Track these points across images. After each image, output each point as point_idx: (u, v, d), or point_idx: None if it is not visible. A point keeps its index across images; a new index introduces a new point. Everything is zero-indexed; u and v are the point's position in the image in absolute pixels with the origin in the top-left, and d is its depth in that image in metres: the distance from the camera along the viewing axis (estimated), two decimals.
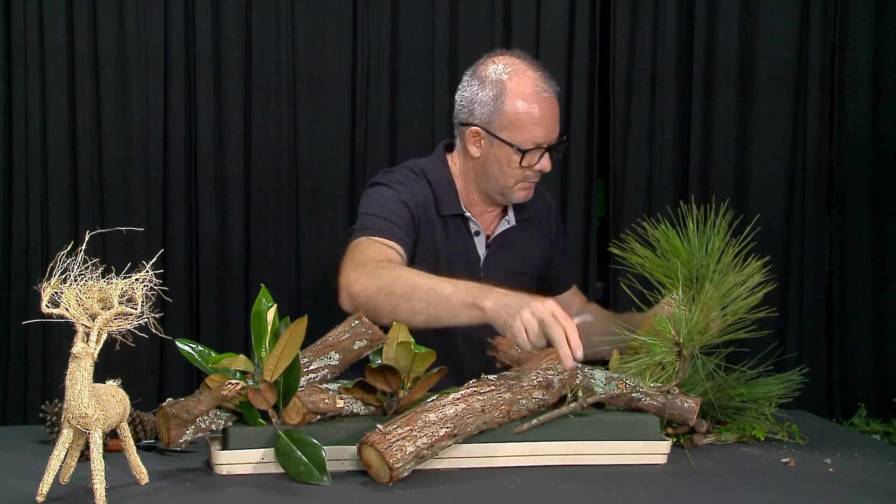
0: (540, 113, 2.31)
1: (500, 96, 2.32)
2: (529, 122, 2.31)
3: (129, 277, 1.53)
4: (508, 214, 2.47)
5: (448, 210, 2.38)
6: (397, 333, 1.88)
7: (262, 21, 2.95)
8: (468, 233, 2.41)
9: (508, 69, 2.34)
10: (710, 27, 3.14)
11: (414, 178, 2.40)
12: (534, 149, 2.32)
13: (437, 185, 2.39)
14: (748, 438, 2.06)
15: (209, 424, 1.75)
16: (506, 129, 2.31)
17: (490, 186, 2.39)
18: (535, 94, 2.31)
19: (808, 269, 3.16)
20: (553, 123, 2.34)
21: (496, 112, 2.32)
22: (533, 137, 2.31)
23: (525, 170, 2.34)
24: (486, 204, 2.44)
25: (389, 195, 2.33)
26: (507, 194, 2.39)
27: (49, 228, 2.83)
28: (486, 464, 1.80)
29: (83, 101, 2.84)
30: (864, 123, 3.16)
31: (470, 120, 2.36)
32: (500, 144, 2.32)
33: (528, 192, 2.40)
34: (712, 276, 1.92)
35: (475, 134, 2.36)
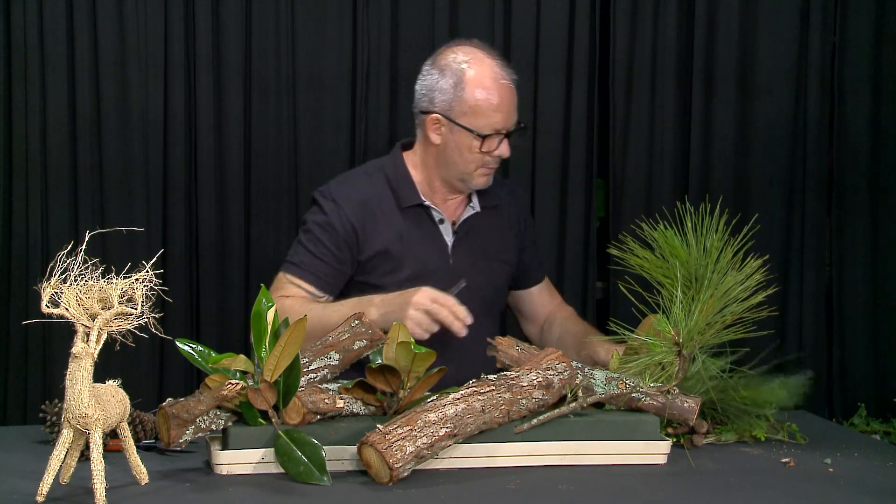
0: (498, 99, 2.36)
1: (459, 84, 2.37)
2: (488, 109, 2.36)
3: (129, 277, 1.53)
4: (473, 201, 2.51)
5: (408, 201, 2.44)
6: (397, 333, 1.88)
7: (262, 21, 2.95)
8: (432, 222, 2.45)
9: (467, 57, 2.39)
10: (710, 27, 3.14)
11: (365, 178, 2.47)
12: (493, 134, 2.37)
13: (394, 179, 2.45)
14: (748, 438, 2.06)
15: (209, 424, 1.75)
16: (465, 115, 2.36)
17: (450, 173, 2.43)
18: (493, 81, 2.37)
19: (808, 269, 3.16)
20: (511, 110, 2.40)
21: (456, 99, 2.37)
22: (492, 123, 2.36)
23: (484, 155, 2.39)
24: (449, 192, 2.48)
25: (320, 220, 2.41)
26: (467, 180, 2.43)
27: (49, 228, 2.83)
28: (486, 464, 1.80)
29: (83, 101, 2.84)
30: (864, 123, 3.16)
31: (430, 108, 2.41)
32: (459, 131, 2.38)
33: (488, 178, 2.45)
34: (711, 276, 1.92)
35: (435, 121, 2.41)
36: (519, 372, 1.87)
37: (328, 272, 2.40)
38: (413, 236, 2.42)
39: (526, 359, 1.96)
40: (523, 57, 3.10)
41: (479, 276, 2.44)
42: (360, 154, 3.02)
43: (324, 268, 2.39)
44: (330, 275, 2.40)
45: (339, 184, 2.48)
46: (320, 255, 2.39)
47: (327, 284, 2.39)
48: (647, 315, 2.05)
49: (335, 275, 2.40)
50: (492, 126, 2.36)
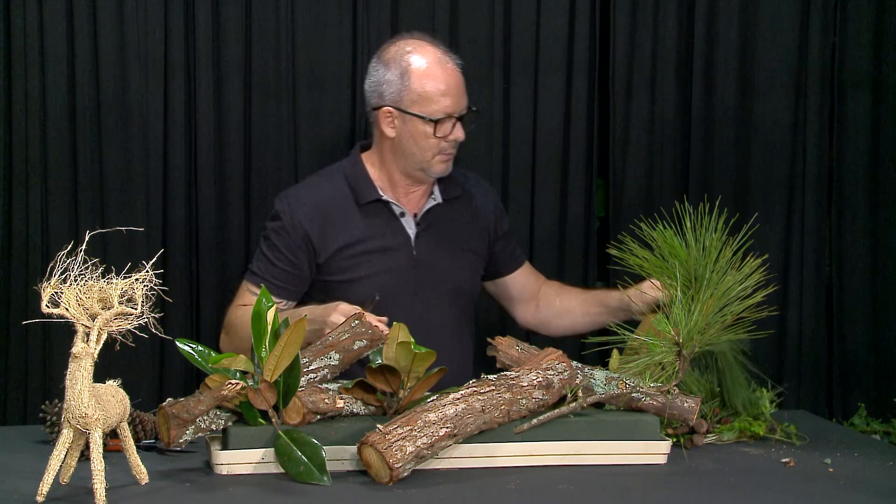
0: (445, 83, 2.42)
1: (405, 73, 2.43)
2: (436, 93, 2.41)
3: (129, 277, 1.53)
4: (435, 193, 2.55)
5: (366, 198, 2.49)
6: (397, 333, 1.88)
7: (262, 21, 2.94)
8: (393, 215, 2.50)
9: (409, 47, 2.46)
10: (710, 27, 3.14)
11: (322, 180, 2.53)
12: (444, 119, 2.42)
13: (352, 178, 2.51)
14: (748, 438, 2.06)
15: (209, 424, 1.75)
16: (415, 103, 2.42)
17: (409, 164, 2.47)
18: (438, 66, 2.43)
19: (808, 269, 3.16)
20: (459, 93, 2.45)
21: (404, 89, 2.43)
22: (442, 107, 2.41)
23: (440, 141, 2.43)
24: (411, 184, 2.52)
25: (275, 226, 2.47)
26: (426, 169, 2.47)
27: (49, 228, 2.82)
28: (486, 464, 1.80)
29: (83, 101, 2.83)
30: (864, 123, 3.16)
31: (380, 102, 2.47)
32: (412, 119, 2.42)
33: (447, 164, 2.49)
34: (710, 276, 1.92)
35: (388, 114, 2.46)
36: (519, 372, 1.87)
37: (285, 278, 2.45)
38: (374, 231, 2.47)
39: (526, 359, 1.96)
40: (523, 57, 3.10)
41: (445, 266, 2.50)
42: None
43: (280, 274, 2.44)
44: (287, 280, 2.45)
45: (297, 188, 2.55)
46: (276, 261, 2.45)
47: (284, 290, 2.44)
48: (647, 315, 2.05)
49: (293, 280, 2.45)
50: (443, 110, 2.41)
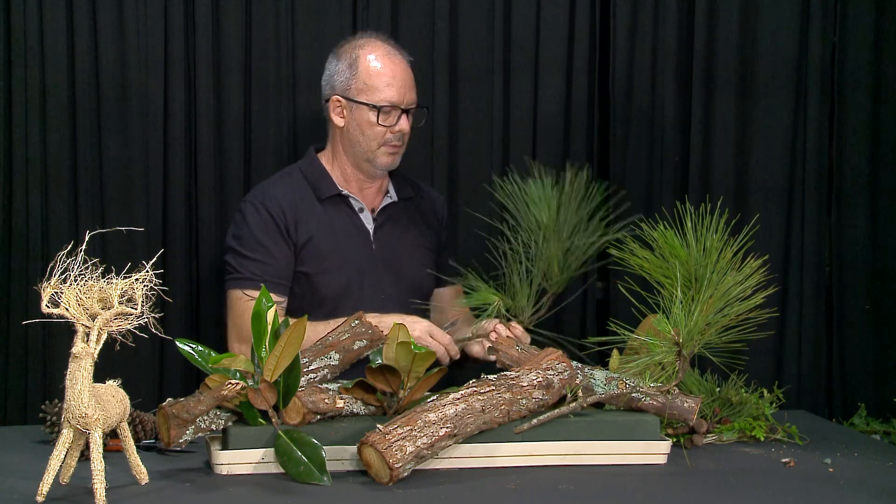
0: (391, 73, 2.50)
1: (354, 63, 2.52)
2: (381, 83, 2.49)
3: (129, 277, 1.53)
4: (390, 191, 2.63)
5: (326, 192, 2.54)
6: (397, 333, 1.88)
7: (262, 21, 2.94)
8: (352, 210, 2.56)
9: (361, 41, 2.56)
10: (710, 27, 3.14)
11: (283, 178, 2.58)
12: (389, 108, 2.49)
13: (311, 174, 2.57)
14: (748, 438, 2.06)
15: (209, 424, 1.75)
16: (362, 91, 2.50)
17: (357, 154, 2.54)
18: (385, 58, 2.52)
19: (808, 269, 3.16)
20: (406, 86, 2.52)
21: (352, 78, 2.51)
22: (387, 97, 2.48)
23: (385, 131, 2.49)
24: (364, 179, 2.58)
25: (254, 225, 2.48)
26: (372, 160, 2.53)
27: (49, 228, 2.82)
28: (486, 464, 1.80)
29: (83, 102, 2.83)
30: (864, 123, 3.16)
31: (331, 93, 2.55)
32: (358, 108, 2.50)
33: (394, 157, 2.55)
34: (711, 276, 1.92)
35: (337, 103, 2.54)
36: (519, 372, 1.87)
37: (281, 274, 2.47)
38: (335, 226, 2.52)
39: (526, 359, 1.96)
40: (523, 57, 3.10)
41: (403, 261, 2.57)
42: None
43: (275, 271, 2.46)
44: (283, 276, 2.47)
45: (259, 189, 2.58)
46: (268, 260, 2.46)
47: (283, 287, 2.47)
48: (647, 315, 2.06)
49: (287, 274, 2.48)
50: (387, 99, 2.48)
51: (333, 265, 2.49)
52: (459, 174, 3.09)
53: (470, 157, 3.09)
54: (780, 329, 3.11)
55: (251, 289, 2.43)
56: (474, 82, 3.08)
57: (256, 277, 2.43)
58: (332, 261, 2.49)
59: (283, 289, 2.47)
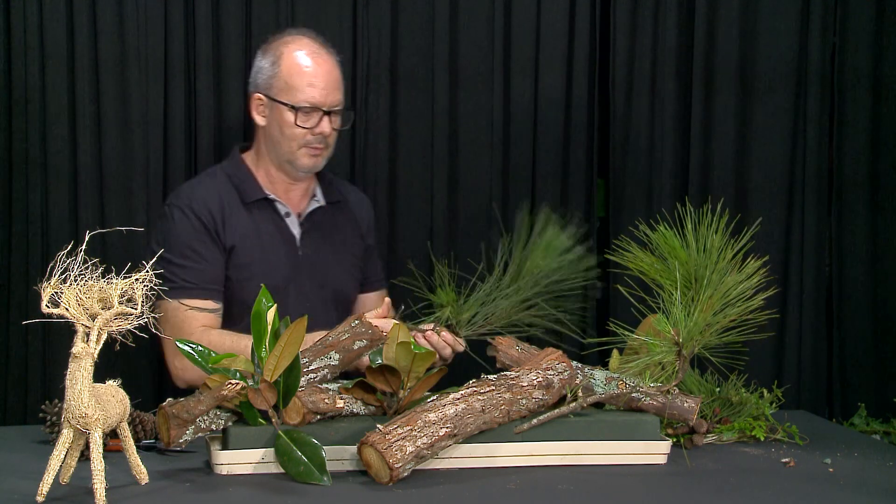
0: (313, 72, 2.41)
1: (276, 61, 2.43)
2: (303, 83, 2.40)
3: (129, 277, 1.53)
4: (317, 195, 2.54)
5: (251, 196, 2.45)
6: (397, 333, 1.88)
7: (262, 21, 2.94)
8: (278, 215, 2.47)
9: (289, 38, 2.47)
10: (710, 27, 3.14)
11: (207, 179, 2.49)
12: (309, 108, 2.40)
13: (235, 177, 2.47)
14: (748, 438, 2.06)
15: (209, 424, 1.75)
16: (283, 91, 2.41)
17: (278, 155, 2.46)
18: (309, 57, 2.43)
19: (808, 269, 3.16)
20: (330, 87, 2.43)
21: (274, 76, 2.43)
22: (308, 97, 2.40)
23: (305, 133, 2.41)
24: (288, 181, 2.50)
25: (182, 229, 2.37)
26: (292, 161, 2.45)
27: (49, 228, 2.83)
28: (486, 464, 1.80)
29: (83, 101, 2.83)
30: (864, 123, 3.16)
31: (254, 91, 2.47)
32: (278, 107, 2.41)
33: (316, 160, 2.46)
34: (711, 277, 1.92)
35: (258, 101, 2.46)
36: (519, 372, 1.87)
37: (215, 279, 2.37)
38: (261, 230, 2.43)
39: (526, 359, 1.96)
40: (523, 57, 3.10)
41: (329, 267, 2.50)
42: (361, 154, 3.02)
43: (209, 276, 2.36)
44: (217, 281, 2.38)
45: (183, 191, 2.47)
46: (200, 266, 2.35)
47: (217, 293, 2.38)
48: (647, 315, 2.06)
49: (220, 279, 2.38)
50: (307, 100, 2.39)
51: (258, 272, 2.38)
52: (459, 174, 3.09)
53: (470, 157, 3.09)
54: (780, 329, 3.12)
55: (187, 298, 2.32)
56: (474, 82, 3.08)
57: (190, 285, 2.33)
58: (257, 267, 2.40)
59: (218, 295, 2.37)
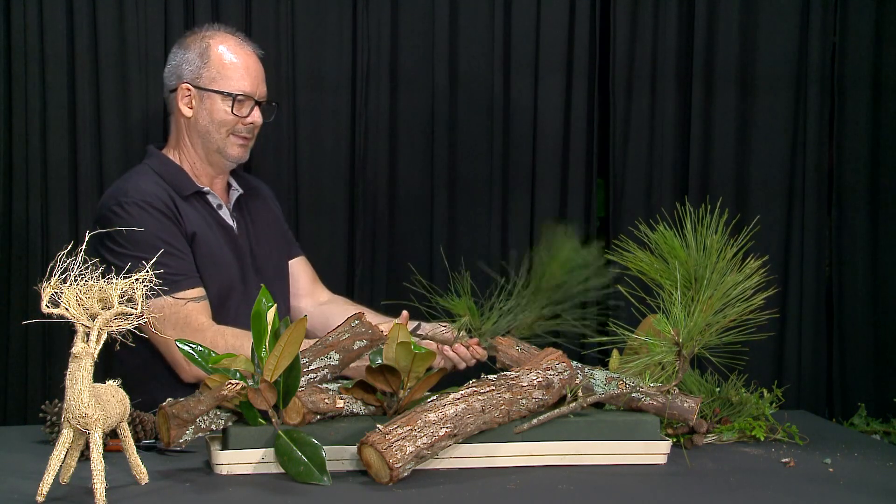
0: (245, 64, 2.44)
1: (205, 52, 2.44)
2: (235, 72, 2.43)
3: (129, 277, 1.53)
4: (234, 185, 2.56)
5: (187, 190, 2.43)
6: (397, 333, 1.88)
7: (262, 21, 2.95)
8: (212, 207, 2.47)
9: (210, 32, 2.49)
10: (710, 27, 3.14)
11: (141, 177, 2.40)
12: (243, 98, 2.43)
13: (166, 173, 2.44)
14: (748, 438, 2.06)
15: (209, 424, 1.75)
16: (214, 80, 2.42)
17: (207, 145, 2.45)
18: (238, 48, 2.46)
19: (808, 269, 3.16)
20: (259, 79, 2.47)
21: (203, 66, 2.43)
22: (241, 86, 2.43)
23: (236, 121, 2.42)
24: (213, 173, 2.50)
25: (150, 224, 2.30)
26: (221, 150, 2.45)
27: (49, 228, 2.83)
28: (486, 464, 1.80)
29: (83, 101, 2.84)
30: (864, 123, 3.17)
31: (178, 83, 2.46)
32: (210, 96, 2.42)
33: (244, 150, 2.48)
34: (711, 277, 1.92)
35: (186, 92, 2.44)
36: (519, 372, 1.87)
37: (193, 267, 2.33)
38: (203, 224, 2.41)
39: (526, 359, 1.96)
40: (523, 57, 3.10)
41: (266, 253, 2.53)
42: (360, 154, 3.02)
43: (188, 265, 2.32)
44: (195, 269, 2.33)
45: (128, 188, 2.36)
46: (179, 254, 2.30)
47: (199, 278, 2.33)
48: (647, 315, 2.06)
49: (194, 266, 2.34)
50: (241, 89, 2.42)
51: (214, 263, 2.37)
52: (459, 174, 3.09)
53: (470, 157, 3.09)
54: (780, 329, 3.12)
55: (180, 291, 2.25)
56: (474, 82, 3.08)
57: (179, 277, 2.27)
58: (213, 259, 2.38)
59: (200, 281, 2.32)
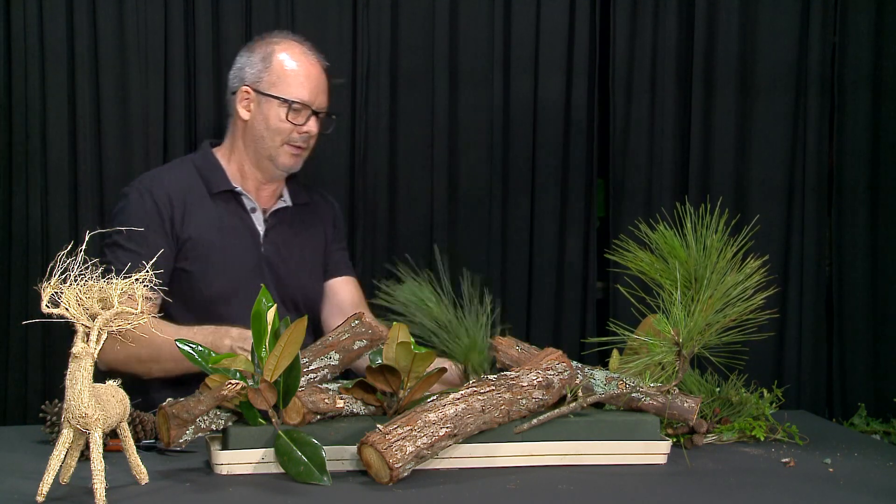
0: (306, 72, 2.44)
1: (268, 57, 2.45)
2: (295, 80, 2.42)
3: (129, 277, 1.53)
4: (285, 196, 2.54)
5: (218, 187, 2.45)
6: (397, 333, 1.88)
7: (262, 21, 2.94)
8: (243, 209, 2.47)
9: (277, 38, 2.49)
10: (710, 27, 3.14)
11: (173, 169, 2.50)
12: (300, 106, 2.42)
13: (203, 168, 2.47)
14: (748, 438, 2.06)
15: (209, 424, 1.75)
16: (273, 85, 2.42)
17: (258, 151, 2.45)
18: (301, 56, 2.46)
19: (808, 269, 3.16)
20: (319, 88, 2.46)
21: (265, 70, 2.44)
22: (299, 94, 2.42)
23: (292, 129, 2.42)
24: (261, 179, 2.49)
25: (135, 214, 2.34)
26: (273, 158, 2.44)
27: (49, 228, 2.83)
28: (486, 464, 1.80)
29: (83, 101, 2.83)
30: (864, 123, 3.17)
31: (239, 85, 2.47)
32: (267, 101, 2.42)
33: (296, 159, 2.47)
34: (711, 277, 1.92)
35: (245, 94, 2.45)
36: (519, 372, 1.87)
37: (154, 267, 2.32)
38: (224, 223, 2.43)
39: (526, 359, 1.96)
40: (523, 57, 3.10)
41: (291, 267, 2.49)
42: (360, 154, 3.02)
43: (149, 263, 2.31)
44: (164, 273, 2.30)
45: (148, 176, 2.47)
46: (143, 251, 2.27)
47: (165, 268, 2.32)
48: (647, 315, 2.06)
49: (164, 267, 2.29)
50: (299, 96, 2.41)
51: (218, 265, 2.38)
52: (459, 174, 3.09)
53: (470, 157, 3.09)
54: (780, 329, 3.12)
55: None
56: (474, 82, 3.08)
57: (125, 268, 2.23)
58: (217, 260, 2.39)
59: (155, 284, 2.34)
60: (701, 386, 2.15)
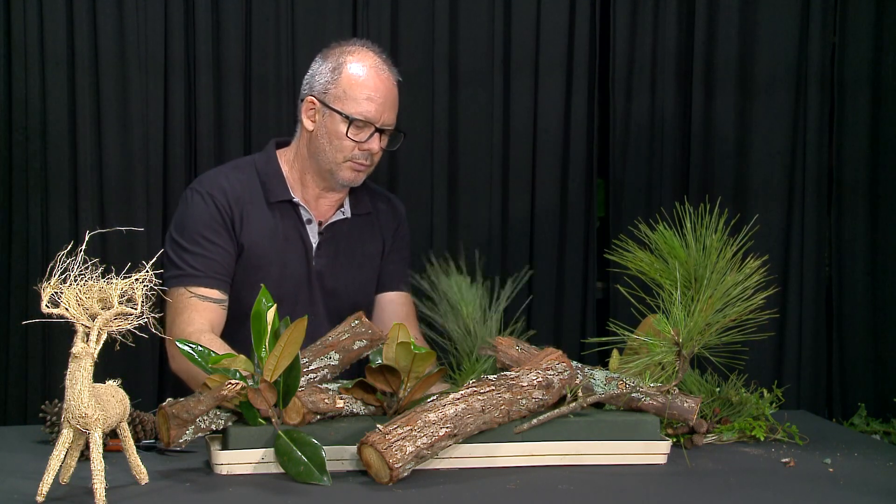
0: (374, 87, 2.33)
1: (338, 68, 2.34)
2: (361, 95, 2.32)
3: (129, 277, 1.53)
4: (344, 206, 2.46)
5: (277, 197, 2.38)
6: (397, 333, 1.88)
7: (262, 21, 2.95)
8: (299, 220, 2.40)
9: (352, 47, 2.38)
10: (710, 27, 3.14)
11: (234, 171, 2.40)
12: (362, 123, 2.32)
13: (265, 174, 2.40)
14: (748, 438, 2.06)
15: (209, 424, 1.75)
16: (338, 99, 2.33)
17: (319, 163, 2.37)
18: (371, 69, 2.34)
19: (808, 269, 3.16)
20: (387, 105, 2.35)
21: (332, 82, 2.34)
22: (363, 111, 2.31)
23: (353, 146, 2.33)
24: (322, 189, 2.42)
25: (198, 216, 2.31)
26: (334, 171, 2.36)
27: (49, 228, 2.83)
28: (486, 464, 1.80)
29: (83, 102, 2.84)
30: (863, 123, 3.17)
31: (308, 93, 2.39)
32: (331, 115, 2.33)
33: (357, 175, 2.38)
34: (710, 277, 1.92)
35: (311, 104, 2.37)
36: (519, 372, 1.87)
37: (223, 270, 2.30)
38: (278, 233, 2.37)
39: (526, 359, 1.96)
40: (523, 57, 3.10)
41: (341, 281, 2.42)
42: None
43: (218, 266, 2.29)
44: (226, 272, 2.31)
45: (207, 178, 2.41)
46: (211, 254, 2.29)
47: (225, 283, 2.31)
48: (647, 315, 2.06)
49: (230, 270, 2.32)
50: (363, 113, 2.31)
51: (271, 275, 2.31)
52: (459, 174, 3.09)
53: (470, 157, 3.09)
54: (780, 329, 3.12)
55: (193, 285, 2.25)
56: (474, 82, 3.08)
57: (197, 272, 2.26)
58: (271, 271, 2.34)
59: (225, 285, 2.30)
60: (701, 386, 2.15)
